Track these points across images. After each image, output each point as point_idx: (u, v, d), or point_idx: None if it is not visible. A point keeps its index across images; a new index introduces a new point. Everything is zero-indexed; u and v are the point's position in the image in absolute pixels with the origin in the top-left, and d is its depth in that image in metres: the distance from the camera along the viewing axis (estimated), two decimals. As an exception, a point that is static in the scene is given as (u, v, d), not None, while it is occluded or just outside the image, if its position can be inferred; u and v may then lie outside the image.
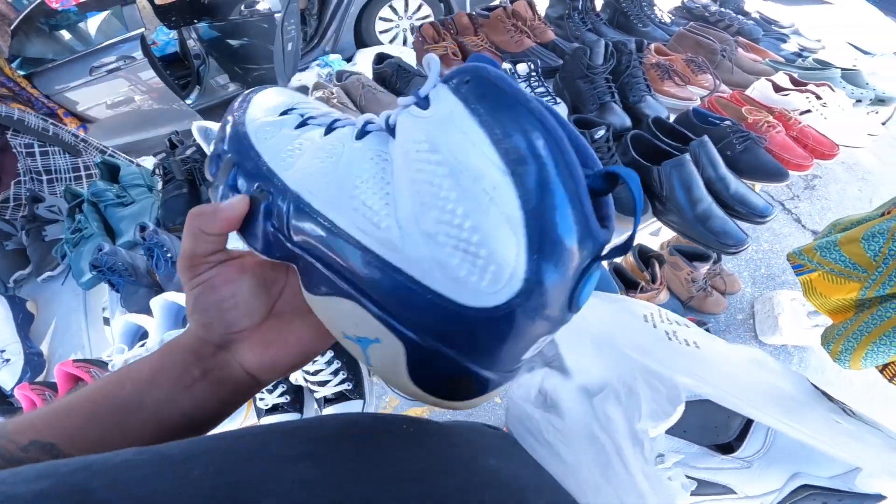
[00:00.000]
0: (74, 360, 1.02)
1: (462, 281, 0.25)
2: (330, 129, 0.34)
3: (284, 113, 0.38)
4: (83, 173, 1.81)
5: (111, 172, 1.42)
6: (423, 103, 0.27)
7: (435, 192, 0.25)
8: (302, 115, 0.37)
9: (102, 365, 1.02)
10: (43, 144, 1.72)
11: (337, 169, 0.30)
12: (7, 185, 1.68)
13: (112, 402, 0.32)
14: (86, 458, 0.21)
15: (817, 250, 0.85)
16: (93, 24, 2.83)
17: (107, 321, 1.25)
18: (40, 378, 1.17)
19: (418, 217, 0.25)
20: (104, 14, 2.80)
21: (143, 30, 2.72)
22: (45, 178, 1.73)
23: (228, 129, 0.38)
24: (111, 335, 1.15)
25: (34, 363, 1.18)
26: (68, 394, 0.35)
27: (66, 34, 2.78)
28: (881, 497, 0.47)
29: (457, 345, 0.26)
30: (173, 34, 3.39)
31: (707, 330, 1.68)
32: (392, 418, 0.37)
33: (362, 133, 0.31)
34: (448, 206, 0.24)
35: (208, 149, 1.26)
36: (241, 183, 0.35)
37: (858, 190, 2.52)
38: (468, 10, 1.76)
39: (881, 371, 0.82)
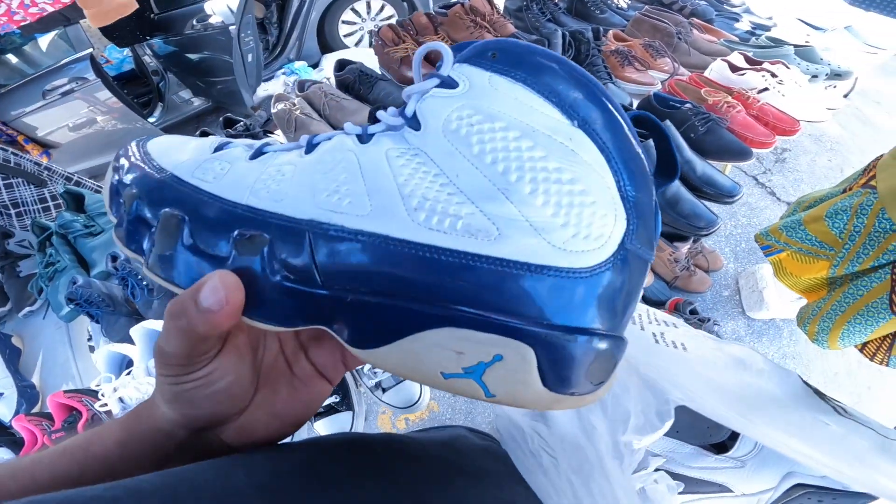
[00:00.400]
0: (65, 391, 1.02)
1: (569, 244, 0.23)
2: (312, 145, 0.29)
3: (219, 149, 0.31)
4: (51, 203, 1.76)
5: (76, 202, 1.38)
6: (451, 82, 0.27)
7: (519, 155, 0.24)
8: (250, 146, 0.31)
9: (93, 394, 1.02)
10: (6, 177, 1.67)
11: (361, 179, 0.26)
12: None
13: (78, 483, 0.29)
14: (61, 493, 0.22)
15: (783, 230, 0.85)
16: (41, 45, 2.74)
17: (93, 349, 1.24)
18: (36, 409, 1.18)
19: (506, 186, 0.24)
20: (50, 35, 2.70)
21: (90, 50, 2.63)
22: (13, 211, 1.69)
23: (138, 184, 0.30)
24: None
25: (28, 395, 1.19)
26: (29, 458, 0.30)
27: (13, 58, 2.68)
28: (873, 496, 0.47)
29: (585, 318, 0.24)
30: (127, 51, 3.30)
31: (694, 311, 1.72)
32: (364, 440, 0.35)
33: (367, 136, 0.28)
34: (539, 164, 0.24)
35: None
36: (205, 241, 0.27)
37: (828, 160, 2.56)
38: (430, 10, 1.75)
39: (861, 350, 0.83)
